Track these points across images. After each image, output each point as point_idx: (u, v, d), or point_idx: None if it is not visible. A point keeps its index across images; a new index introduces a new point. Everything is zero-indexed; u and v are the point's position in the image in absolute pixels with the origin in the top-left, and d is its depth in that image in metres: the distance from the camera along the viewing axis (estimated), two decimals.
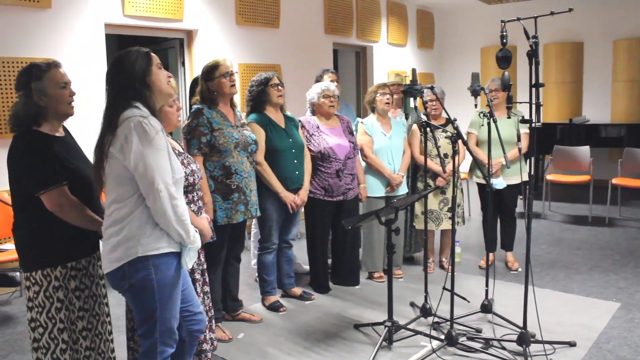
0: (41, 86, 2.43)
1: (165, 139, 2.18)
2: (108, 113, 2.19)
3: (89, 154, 2.36)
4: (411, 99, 3.30)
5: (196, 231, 2.32)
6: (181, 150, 2.94)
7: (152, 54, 2.28)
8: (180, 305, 2.41)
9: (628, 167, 6.59)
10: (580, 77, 8.82)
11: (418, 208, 4.65)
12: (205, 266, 3.06)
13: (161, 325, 2.23)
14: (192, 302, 2.51)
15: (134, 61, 2.20)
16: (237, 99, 4.16)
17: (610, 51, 8.51)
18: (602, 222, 6.44)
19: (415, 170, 4.79)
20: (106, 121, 2.18)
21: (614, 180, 6.47)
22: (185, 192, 2.87)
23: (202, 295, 2.97)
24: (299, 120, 4.18)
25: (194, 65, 5.64)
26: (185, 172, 2.82)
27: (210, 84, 3.44)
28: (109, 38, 5.06)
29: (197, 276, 2.96)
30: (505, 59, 3.08)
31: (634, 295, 4.17)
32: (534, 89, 3.05)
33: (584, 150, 6.71)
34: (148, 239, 2.15)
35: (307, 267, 4.61)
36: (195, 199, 2.95)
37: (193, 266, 2.93)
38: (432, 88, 3.31)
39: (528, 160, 4.89)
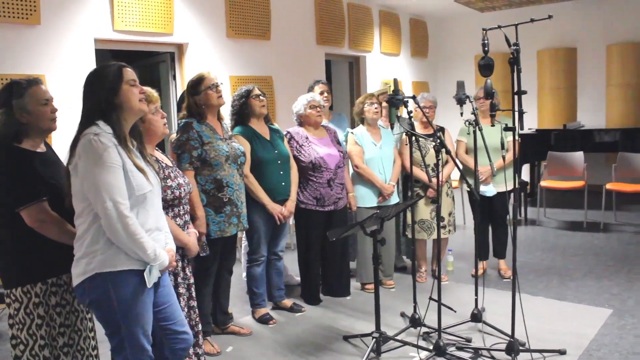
0: (22, 103, 2.43)
1: (119, 155, 2.15)
2: (77, 131, 2.21)
3: None
4: (394, 109, 3.30)
5: (165, 247, 2.31)
6: (169, 164, 2.93)
7: (125, 70, 2.25)
8: (162, 323, 2.39)
9: (622, 172, 6.57)
10: (574, 82, 8.82)
11: (410, 217, 4.64)
12: (191, 280, 3.04)
13: (129, 343, 2.21)
14: (176, 321, 2.46)
15: (103, 80, 2.20)
16: (226, 111, 4.16)
17: (604, 56, 8.51)
18: (597, 228, 6.42)
19: (407, 180, 4.79)
20: (73, 140, 2.20)
21: (608, 186, 6.45)
22: (171, 206, 2.87)
23: (186, 309, 2.95)
24: (287, 132, 4.19)
25: (185, 79, 5.65)
26: (171, 186, 2.82)
27: (197, 98, 3.44)
28: (102, 53, 5.08)
29: (182, 290, 2.94)
30: (487, 66, 3.07)
31: (626, 301, 4.14)
32: (516, 96, 3.00)
33: (578, 156, 6.70)
34: (103, 255, 2.14)
35: (298, 279, 4.60)
36: (182, 212, 2.94)
37: (178, 280, 2.92)
38: (414, 98, 3.31)
39: (517, 168, 4.88)
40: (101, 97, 2.18)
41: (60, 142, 3.83)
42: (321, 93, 4.63)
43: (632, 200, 7.51)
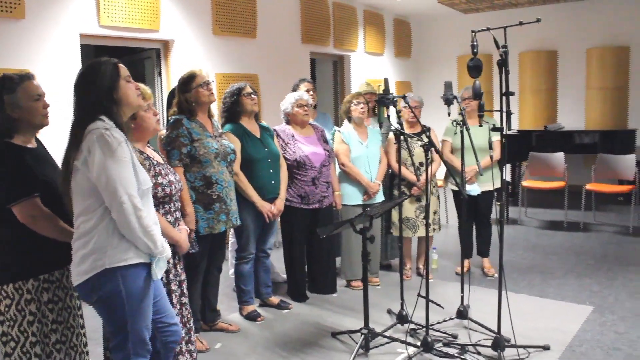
0: (14, 99, 2.41)
1: (129, 149, 2.18)
2: (74, 127, 2.19)
3: None
4: (384, 108, 3.34)
5: (166, 241, 2.32)
6: (160, 161, 2.93)
7: (121, 66, 2.27)
8: (154, 316, 2.40)
9: (601, 172, 6.71)
10: (554, 84, 8.98)
11: (395, 215, 4.69)
12: (183, 277, 3.05)
13: (133, 337, 2.22)
14: (167, 313, 2.50)
15: (101, 76, 2.20)
16: (214, 110, 4.16)
17: (584, 59, 8.68)
18: (577, 227, 6.55)
19: (392, 179, 4.84)
20: (72, 135, 2.18)
21: (588, 186, 6.58)
22: (162, 203, 2.87)
23: (178, 306, 2.95)
24: (274, 130, 4.20)
25: (171, 76, 5.64)
26: (162, 183, 2.82)
27: (188, 95, 3.45)
28: (85, 48, 5.03)
29: (174, 287, 2.94)
30: (475, 68, 3.13)
31: (607, 298, 4.24)
32: (504, 98, 3.06)
33: (559, 157, 6.82)
34: (114, 250, 2.15)
35: (285, 276, 4.61)
36: (172, 209, 2.94)
37: (169, 277, 2.93)
38: (404, 97, 3.35)
39: (504, 167, 4.96)
40: (101, 93, 2.19)
41: (46, 137, 3.80)
42: (307, 91, 4.65)
43: (610, 201, 7.68)
